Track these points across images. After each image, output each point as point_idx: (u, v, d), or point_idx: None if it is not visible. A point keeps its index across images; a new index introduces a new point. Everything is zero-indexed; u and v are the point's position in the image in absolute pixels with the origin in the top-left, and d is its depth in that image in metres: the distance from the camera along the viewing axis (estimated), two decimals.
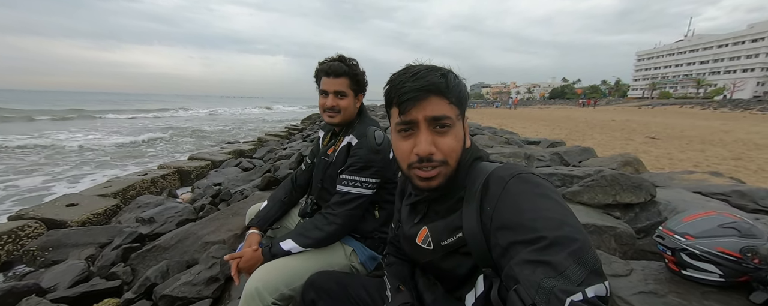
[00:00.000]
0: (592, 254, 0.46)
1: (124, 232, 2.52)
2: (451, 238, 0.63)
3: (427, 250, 0.68)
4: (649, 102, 42.83)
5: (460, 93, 0.62)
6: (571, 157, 3.67)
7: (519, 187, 0.54)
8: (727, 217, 0.94)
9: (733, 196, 2.18)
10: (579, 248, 0.46)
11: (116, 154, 7.73)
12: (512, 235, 0.51)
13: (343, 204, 1.10)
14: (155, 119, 20.67)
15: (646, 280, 1.02)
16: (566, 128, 10.47)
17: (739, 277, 0.89)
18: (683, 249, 0.94)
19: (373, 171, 1.10)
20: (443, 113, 0.59)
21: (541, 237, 0.47)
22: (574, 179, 2.18)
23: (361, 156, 1.10)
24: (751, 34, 53.12)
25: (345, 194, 1.10)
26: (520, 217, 0.51)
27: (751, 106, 25.43)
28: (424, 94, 0.59)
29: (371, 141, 1.12)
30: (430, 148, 0.59)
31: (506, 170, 0.58)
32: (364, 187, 1.10)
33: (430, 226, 0.68)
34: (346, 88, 1.17)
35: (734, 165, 4.68)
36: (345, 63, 1.17)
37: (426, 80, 0.59)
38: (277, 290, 0.99)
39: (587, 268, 0.45)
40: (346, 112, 1.19)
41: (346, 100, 1.18)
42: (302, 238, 1.09)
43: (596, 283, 0.44)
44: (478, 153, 0.67)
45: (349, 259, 1.16)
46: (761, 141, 7.13)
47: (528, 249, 0.48)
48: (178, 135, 11.97)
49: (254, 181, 3.96)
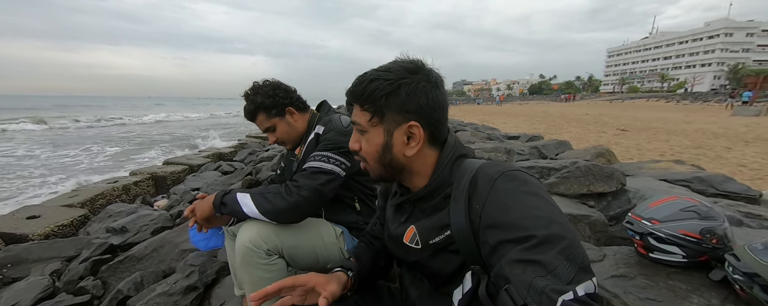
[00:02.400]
0: (581, 251, 0.47)
1: (93, 244, 2.37)
2: (439, 237, 0.63)
3: (415, 250, 0.68)
4: (619, 96, 45.09)
5: (374, 101, 0.60)
6: (549, 150, 3.81)
7: (507, 185, 0.55)
8: (687, 201, 1.01)
9: (694, 182, 2.34)
10: (568, 246, 0.46)
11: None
12: (501, 233, 0.51)
13: (308, 176, 1.01)
14: (86, 129, 16.24)
15: (617, 265, 1.07)
16: (544, 123, 10.86)
17: (700, 257, 0.95)
18: (650, 233, 1.00)
19: (342, 151, 1.05)
20: (354, 118, 0.65)
21: (531, 235, 0.47)
22: (552, 171, 2.26)
23: (330, 138, 1.07)
24: (707, 31, 57.15)
25: (311, 168, 1.02)
26: (508, 216, 0.51)
27: (708, 98, 27.34)
28: (349, 102, 0.66)
29: (338, 124, 1.10)
30: (353, 144, 0.68)
31: (493, 167, 0.58)
32: (331, 162, 1.03)
33: (417, 225, 0.67)
34: (267, 122, 1.16)
35: (695, 153, 5.03)
36: (249, 100, 1.15)
37: (348, 90, 0.64)
38: (271, 239, 0.95)
39: (576, 265, 0.45)
40: (289, 136, 1.19)
41: (279, 130, 1.18)
42: (261, 200, 0.96)
43: (585, 281, 0.45)
44: (462, 150, 0.67)
45: (337, 240, 1.11)
46: (718, 130, 7.70)
47: (517, 248, 0.48)
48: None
49: (235, 185, 3.84)
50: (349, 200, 1.17)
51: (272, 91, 1.16)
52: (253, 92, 1.16)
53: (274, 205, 0.95)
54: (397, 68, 0.61)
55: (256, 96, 1.15)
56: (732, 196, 2.19)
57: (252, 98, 1.15)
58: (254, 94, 1.15)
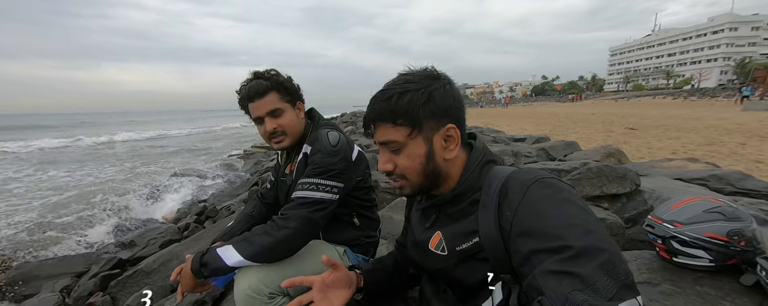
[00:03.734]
0: (624, 266, 0.44)
1: (102, 259, 2.38)
2: (466, 243, 0.61)
3: (440, 256, 0.66)
4: (624, 95, 44.61)
5: (410, 112, 0.59)
6: (557, 151, 3.75)
7: (541, 192, 0.53)
8: (711, 202, 0.96)
9: (711, 180, 2.27)
10: (608, 259, 0.44)
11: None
12: (534, 242, 0.49)
13: (296, 207, 0.92)
14: (62, 149, 14.32)
15: (639, 270, 1.02)
16: (550, 124, 10.75)
17: (728, 261, 0.90)
18: (673, 236, 0.95)
19: (332, 174, 0.95)
20: (388, 138, 0.62)
21: (567, 246, 0.45)
22: (562, 173, 2.21)
23: (318, 161, 0.96)
24: (711, 27, 56.55)
25: (298, 199, 0.93)
26: (542, 224, 0.49)
27: (716, 94, 26.89)
28: (372, 123, 0.64)
29: (325, 143, 0.98)
30: (386, 166, 0.64)
31: (527, 174, 0.57)
32: (321, 190, 0.93)
33: (443, 231, 0.66)
34: (278, 103, 1.01)
35: (708, 150, 4.90)
36: (263, 77, 1.02)
37: (374, 109, 0.62)
38: (272, 281, 0.87)
39: (619, 281, 0.42)
40: (293, 129, 1.04)
41: (285, 117, 1.02)
42: (245, 246, 0.87)
43: (629, 298, 0.42)
44: (490, 156, 0.66)
45: (342, 258, 1.06)
46: (730, 126, 7.52)
47: (553, 258, 0.46)
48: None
49: (241, 196, 3.85)
50: (347, 217, 1.09)
51: (291, 78, 1.07)
52: (268, 71, 1.04)
53: (260, 247, 0.87)
54: (418, 77, 0.61)
55: (274, 74, 1.03)
56: (752, 193, 2.11)
57: (268, 75, 1.02)
58: (271, 73, 1.04)
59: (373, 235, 1.14)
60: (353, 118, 15.05)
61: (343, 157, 0.98)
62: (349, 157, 1.01)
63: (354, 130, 8.15)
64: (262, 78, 1.02)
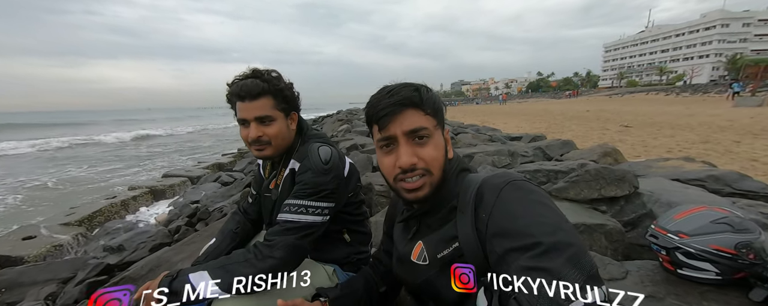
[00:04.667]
0: (588, 258, 0.47)
1: (89, 264, 2.30)
2: (446, 250, 0.63)
3: (422, 267, 0.67)
4: (618, 91, 44.97)
5: (434, 104, 0.63)
6: (553, 150, 3.73)
7: (513, 194, 0.55)
8: (718, 211, 0.93)
9: (709, 181, 2.25)
10: (575, 253, 0.47)
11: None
12: (508, 241, 0.51)
13: (282, 233, 0.84)
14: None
15: (642, 282, 0.99)
16: (545, 121, 10.76)
17: (736, 275, 0.87)
18: (677, 248, 0.92)
19: (323, 195, 0.88)
20: (420, 125, 0.61)
21: (538, 243, 0.48)
22: (559, 175, 2.18)
23: (307, 181, 0.88)
24: (704, 23, 57.04)
25: (285, 223, 0.86)
26: (515, 224, 0.52)
27: (708, 90, 27.16)
28: (399, 108, 0.60)
29: (316, 160, 0.90)
30: (411, 159, 0.61)
31: (500, 178, 0.59)
32: (311, 213, 0.87)
33: (424, 240, 0.67)
34: (270, 111, 0.91)
35: (703, 148, 4.92)
36: (262, 78, 0.91)
37: (400, 96, 0.60)
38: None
39: (585, 273, 0.45)
40: (279, 140, 0.94)
41: (274, 127, 0.92)
42: (222, 274, 0.77)
43: (594, 289, 0.45)
44: (464, 165, 0.68)
45: (331, 279, 1.00)
46: (723, 123, 7.58)
47: (525, 255, 0.48)
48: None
49: (234, 197, 3.77)
50: (337, 234, 1.02)
51: (291, 85, 0.98)
52: (269, 73, 0.94)
53: (240, 277, 0.74)
54: (419, 85, 0.64)
55: (275, 77, 0.93)
56: (750, 194, 2.10)
57: (267, 77, 0.92)
58: (270, 73, 0.94)
59: (365, 251, 1.09)
60: (349, 116, 14.78)
61: (335, 176, 0.91)
62: (342, 175, 0.94)
63: (349, 129, 8.06)
64: (260, 78, 0.91)
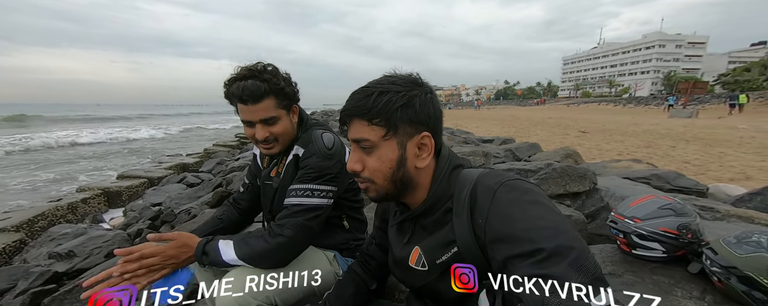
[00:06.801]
0: (591, 260, 0.46)
1: (32, 273, 2.05)
2: (446, 255, 0.61)
3: (421, 273, 0.65)
4: (575, 100, 48.97)
5: (387, 112, 0.57)
6: (522, 152, 3.99)
7: (508, 196, 0.54)
8: (663, 199, 1.07)
9: (653, 179, 2.55)
10: (578, 256, 0.46)
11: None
12: (508, 248, 0.50)
13: (291, 215, 0.89)
14: None
15: (604, 263, 1.11)
16: (513, 126, 11.44)
17: (677, 252, 1.01)
18: (633, 231, 1.04)
19: (327, 179, 0.93)
20: (361, 136, 0.60)
21: (539, 249, 0.47)
22: (529, 173, 2.34)
23: (312, 165, 0.92)
24: (644, 43, 64.22)
25: (293, 206, 0.90)
26: (513, 228, 0.50)
27: (649, 102, 30.52)
28: (348, 118, 0.61)
29: (320, 146, 0.94)
30: (354, 165, 0.62)
31: (492, 178, 0.58)
32: (316, 196, 0.90)
33: (421, 245, 0.65)
34: (274, 111, 0.92)
35: (647, 152, 5.54)
36: (261, 78, 0.89)
37: (352, 102, 0.60)
38: (262, 293, 0.83)
39: (589, 276, 0.44)
40: (285, 137, 0.97)
41: (279, 125, 0.94)
42: (242, 246, 0.85)
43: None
44: (457, 161, 0.66)
45: (332, 264, 1.03)
46: (662, 131, 8.57)
47: (527, 262, 0.47)
48: None
49: (203, 198, 3.56)
50: (337, 220, 1.06)
51: (290, 79, 0.96)
52: (267, 70, 0.91)
53: (253, 250, 0.84)
54: (401, 81, 0.60)
55: (273, 76, 0.91)
56: (684, 190, 2.42)
57: (266, 76, 0.90)
58: (269, 73, 0.91)
59: (362, 238, 1.12)
60: (324, 118, 14.63)
61: (338, 160, 0.95)
62: (343, 160, 0.98)
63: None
64: (259, 78, 0.89)
